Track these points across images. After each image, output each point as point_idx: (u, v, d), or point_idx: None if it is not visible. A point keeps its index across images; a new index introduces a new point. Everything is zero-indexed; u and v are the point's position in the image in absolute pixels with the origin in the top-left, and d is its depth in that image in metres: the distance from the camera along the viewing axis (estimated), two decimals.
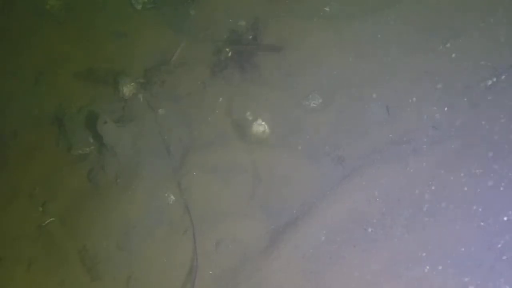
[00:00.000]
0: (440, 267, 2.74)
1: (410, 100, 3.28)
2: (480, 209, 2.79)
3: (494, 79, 3.13)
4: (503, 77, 3.12)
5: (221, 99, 3.74)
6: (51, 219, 3.72)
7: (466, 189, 2.88)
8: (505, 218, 2.72)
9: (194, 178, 3.49)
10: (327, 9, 3.83)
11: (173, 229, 3.41)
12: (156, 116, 3.79)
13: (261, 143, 3.50)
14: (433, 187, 2.95)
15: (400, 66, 3.41)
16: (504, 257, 2.64)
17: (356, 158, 3.24)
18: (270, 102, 3.60)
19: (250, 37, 3.93)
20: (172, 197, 3.49)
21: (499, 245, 2.68)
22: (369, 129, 3.31)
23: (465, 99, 3.15)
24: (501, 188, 2.81)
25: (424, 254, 2.80)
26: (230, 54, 3.90)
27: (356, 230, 3.00)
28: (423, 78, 3.31)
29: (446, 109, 3.17)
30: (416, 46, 3.43)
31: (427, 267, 2.76)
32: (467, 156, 2.96)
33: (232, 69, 3.84)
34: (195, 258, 3.25)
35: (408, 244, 2.85)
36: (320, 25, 3.74)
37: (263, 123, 3.53)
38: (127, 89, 3.94)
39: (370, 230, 2.97)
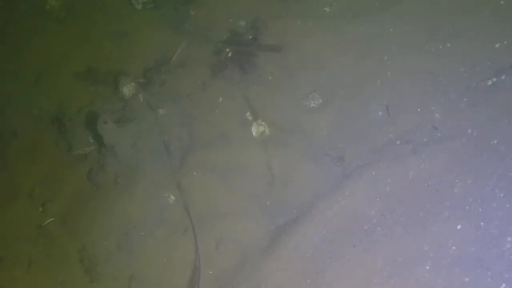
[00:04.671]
0: (440, 267, 2.73)
1: (410, 100, 3.28)
2: (480, 209, 2.79)
3: (494, 79, 3.13)
4: (503, 77, 3.12)
5: (221, 99, 3.74)
6: (51, 219, 3.72)
7: (466, 189, 2.87)
8: (505, 218, 2.72)
9: (194, 178, 3.49)
10: (327, 9, 3.83)
11: (173, 229, 3.41)
12: (156, 116, 3.79)
13: (261, 143, 3.50)
14: (433, 187, 2.95)
15: (400, 66, 3.41)
16: (504, 257, 2.64)
17: (356, 158, 3.24)
18: (270, 102, 3.60)
19: (250, 37, 3.93)
20: (172, 197, 3.49)
21: (499, 245, 2.68)
22: (369, 129, 3.31)
23: (465, 99, 3.15)
24: (501, 188, 2.81)
25: (424, 254, 2.80)
26: (230, 54, 3.90)
27: (356, 230, 3.00)
28: (423, 78, 3.31)
29: (446, 109, 3.17)
30: (416, 46, 3.43)
31: (427, 267, 2.76)
32: (467, 156, 2.96)
33: (232, 69, 3.84)
34: (197, 258, 3.25)
35: (408, 244, 2.85)
36: (320, 25, 3.74)
37: (263, 123, 3.53)
38: (127, 89, 3.94)
39: (370, 230, 2.97)
